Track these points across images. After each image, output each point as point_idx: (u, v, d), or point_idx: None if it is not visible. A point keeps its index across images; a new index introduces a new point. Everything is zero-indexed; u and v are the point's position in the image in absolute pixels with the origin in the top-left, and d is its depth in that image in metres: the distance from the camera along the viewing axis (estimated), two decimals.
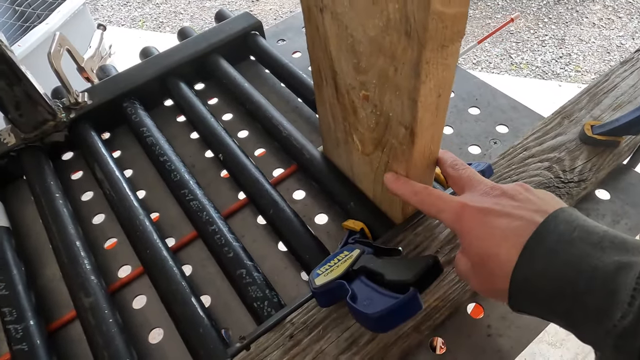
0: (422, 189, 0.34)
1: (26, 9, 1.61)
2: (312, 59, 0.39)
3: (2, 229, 0.47)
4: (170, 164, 0.50)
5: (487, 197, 0.30)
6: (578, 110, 0.49)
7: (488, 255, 0.28)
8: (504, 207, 0.28)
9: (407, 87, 0.28)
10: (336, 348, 0.35)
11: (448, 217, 0.31)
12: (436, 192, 0.33)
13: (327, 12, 0.32)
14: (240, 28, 0.63)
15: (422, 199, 0.33)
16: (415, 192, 0.34)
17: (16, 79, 0.48)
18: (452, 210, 0.31)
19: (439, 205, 0.32)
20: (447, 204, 0.31)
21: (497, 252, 0.27)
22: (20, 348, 0.38)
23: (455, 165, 0.35)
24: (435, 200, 0.32)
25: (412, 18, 0.24)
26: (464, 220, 0.30)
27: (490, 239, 0.28)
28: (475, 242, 0.29)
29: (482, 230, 0.28)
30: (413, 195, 0.34)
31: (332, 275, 0.35)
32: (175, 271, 0.42)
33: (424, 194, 0.33)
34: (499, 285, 0.28)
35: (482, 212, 0.29)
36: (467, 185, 0.33)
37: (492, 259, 0.27)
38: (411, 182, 0.35)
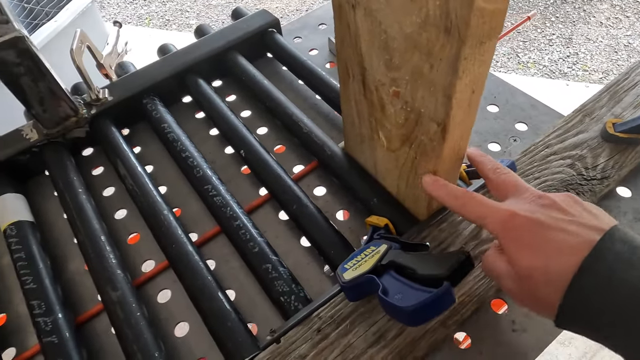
0: (463, 194, 0.33)
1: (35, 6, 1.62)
2: (339, 56, 0.39)
3: (27, 224, 0.48)
4: (193, 160, 0.51)
5: (537, 206, 0.29)
6: (599, 108, 0.49)
7: (538, 268, 0.27)
8: (557, 220, 0.27)
9: (443, 84, 0.28)
10: (364, 342, 0.36)
11: (493, 225, 0.30)
12: (479, 197, 0.32)
13: (360, 9, 0.32)
14: (258, 25, 0.64)
15: (464, 204, 0.33)
16: (455, 196, 0.33)
17: (41, 75, 0.48)
18: (499, 218, 0.30)
19: (482, 212, 0.31)
20: (491, 211, 0.30)
21: (549, 267, 0.26)
22: (50, 340, 0.39)
23: (497, 170, 0.34)
24: (477, 206, 0.31)
25: (453, 14, 0.24)
26: (512, 229, 0.29)
27: (543, 252, 0.27)
28: (525, 254, 0.28)
29: (534, 242, 0.27)
30: (453, 200, 0.33)
31: (360, 269, 0.35)
32: (201, 266, 0.42)
33: (466, 199, 0.32)
34: (545, 300, 0.27)
35: (534, 223, 0.28)
36: (512, 191, 0.32)
37: (543, 274, 0.26)
38: (450, 186, 0.34)
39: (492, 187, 0.34)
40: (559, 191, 0.43)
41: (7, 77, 0.47)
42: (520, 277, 0.28)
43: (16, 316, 0.45)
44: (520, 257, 0.28)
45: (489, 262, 0.32)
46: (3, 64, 0.45)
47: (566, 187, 0.43)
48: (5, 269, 0.48)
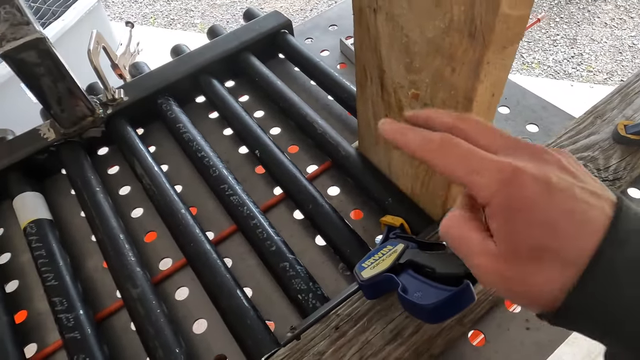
0: (444, 138, 0.23)
1: (41, 5, 1.63)
2: (357, 59, 0.40)
3: (46, 222, 0.48)
4: (208, 159, 0.51)
5: (542, 163, 0.21)
6: (610, 110, 0.49)
7: (551, 249, 0.20)
8: (570, 185, 0.20)
9: (464, 87, 0.29)
10: (382, 339, 0.36)
11: (487, 183, 0.21)
12: (466, 144, 0.22)
13: (382, 13, 0.33)
14: (271, 26, 0.64)
15: (445, 151, 0.23)
16: (431, 140, 0.23)
17: (60, 76, 0.49)
18: (496, 175, 0.21)
19: (472, 164, 0.22)
20: (486, 164, 0.21)
21: (566, 249, 0.20)
22: (72, 336, 0.39)
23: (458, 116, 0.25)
24: (465, 156, 0.22)
25: (478, 20, 0.25)
26: (516, 192, 0.20)
27: (560, 228, 0.20)
28: (536, 229, 0.20)
29: (548, 214, 0.20)
30: (428, 145, 0.23)
31: (378, 268, 0.36)
32: (219, 264, 0.43)
33: (449, 145, 0.23)
34: (543, 289, 0.21)
35: (546, 187, 0.20)
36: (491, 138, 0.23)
37: (555, 257, 0.20)
38: (422, 130, 0.25)
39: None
40: None
41: (28, 77, 0.47)
42: (516, 257, 0.21)
43: (36, 313, 0.46)
44: (527, 233, 0.20)
45: (455, 233, 0.24)
46: (24, 64, 0.46)
47: None
48: (24, 266, 0.49)
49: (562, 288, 0.20)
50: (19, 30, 0.46)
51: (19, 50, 0.45)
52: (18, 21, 0.46)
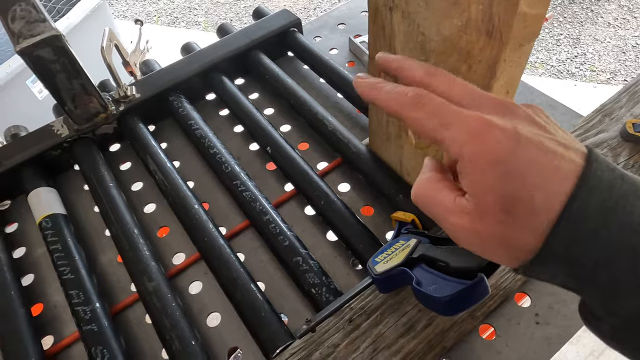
0: (418, 92, 0.23)
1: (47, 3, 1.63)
2: (371, 56, 0.40)
3: (61, 216, 0.49)
4: (221, 156, 0.52)
5: (511, 116, 0.22)
6: (618, 109, 0.50)
7: (523, 199, 0.20)
8: (540, 137, 0.21)
9: (480, 85, 0.30)
10: (395, 332, 0.37)
11: (457, 136, 0.21)
12: (438, 98, 0.22)
13: (398, 11, 0.33)
14: (280, 25, 0.65)
15: (418, 106, 0.23)
16: (404, 93, 0.23)
17: (75, 73, 0.50)
18: (467, 127, 0.21)
19: (445, 117, 0.21)
20: (458, 117, 0.21)
21: (536, 198, 0.20)
22: (90, 329, 0.40)
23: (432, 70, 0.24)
24: (439, 108, 0.22)
25: (496, 18, 0.26)
26: (487, 145, 0.20)
27: (530, 179, 0.20)
28: (508, 181, 0.20)
29: (519, 165, 0.20)
30: (402, 98, 0.23)
31: (392, 262, 0.37)
32: (233, 258, 0.43)
33: (423, 98, 0.23)
34: (519, 240, 0.21)
35: (515, 139, 0.20)
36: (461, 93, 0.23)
37: (528, 207, 0.20)
38: (397, 85, 0.25)
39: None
40: None
41: (44, 74, 0.48)
42: (489, 211, 0.21)
43: (52, 306, 0.46)
44: (497, 185, 0.20)
45: (426, 195, 0.24)
46: (40, 61, 0.47)
47: None
48: (39, 260, 0.50)
49: (536, 236, 0.20)
50: (35, 27, 0.46)
51: (36, 47, 0.46)
52: (34, 18, 0.47)
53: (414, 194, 0.25)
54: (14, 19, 0.47)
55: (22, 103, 1.27)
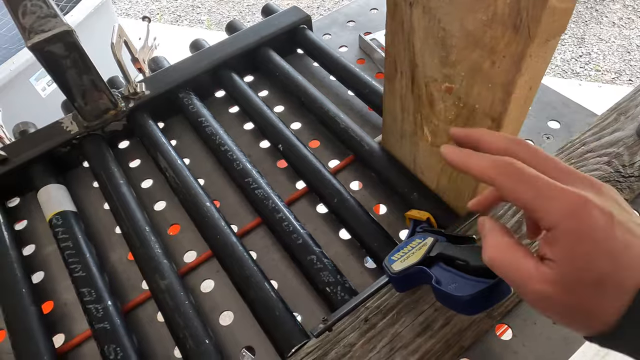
0: (513, 162, 0.24)
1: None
2: (387, 53, 0.40)
3: (71, 214, 0.49)
4: (232, 153, 0.51)
5: (602, 197, 0.23)
6: (634, 107, 0.50)
7: (613, 276, 0.21)
8: (628, 219, 0.22)
9: (504, 80, 0.29)
10: (412, 331, 0.37)
11: (556, 210, 0.22)
12: (534, 170, 0.24)
13: (418, 7, 0.33)
14: (290, 22, 0.65)
15: (514, 175, 0.24)
16: (498, 164, 0.25)
17: (86, 69, 0.49)
18: (567, 203, 0.22)
19: (544, 190, 0.23)
20: (558, 192, 0.22)
21: (624, 275, 0.21)
22: (102, 327, 0.40)
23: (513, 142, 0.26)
24: (537, 180, 0.23)
25: (524, 13, 0.25)
26: (584, 220, 0.22)
27: (622, 257, 0.21)
28: (603, 256, 0.21)
29: (614, 244, 0.21)
30: (495, 167, 0.25)
31: (409, 261, 0.36)
32: (246, 256, 0.43)
33: (518, 169, 0.24)
34: (600, 311, 0.22)
35: (610, 219, 0.22)
36: (553, 171, 0.24)
37: (616, 283, 0.21)
38: (485, 154, 0.26)
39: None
40: None
41: (55, 69, 0.48)
42: (577, 284, 0.22)
43: (62, 304, 0.46)
44: (592, 261, 0.22)
45: (505, 259, 0.25)
46: (52, 57, 0.46)
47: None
48: (49, 258, 0.50)
49: (619, 311, 0.21)
50: (46, 22, 0.46)
51: (47, 42, 0.45)
52: (45, 14, 0.46)
53: (491, 257, 0.26)
54: (25, 14, 0.46)
55: (26, 100, 1.27)
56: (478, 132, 0.28)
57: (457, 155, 0.27)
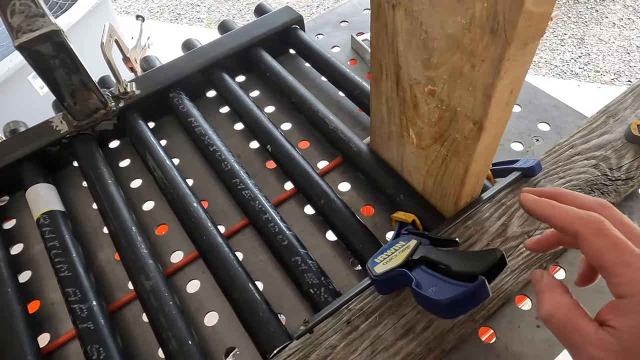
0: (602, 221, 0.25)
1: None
2: (373, 54, 0.40)
3: (59, 213, 0.49)
4: (220, 153, 0.51)
5: None
6: (623, 110, 0.49)
7: None
8: None
9: (483, 84, 0.29)
10: (393, 334, 0.37)
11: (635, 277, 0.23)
12: (622, 235, 0.24)
13: (401, 9, 0.33)
14: (282, 22, 0.64)
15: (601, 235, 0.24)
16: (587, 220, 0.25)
17: (74, 68, 0.49)
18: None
19: (627, 255, 0.23)
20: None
21: None
22: (86, 327, 0.40)
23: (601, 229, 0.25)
24: (622, 245, 0.24)
25: (501, 16, 0.25)
26: None
27: None
28: None
29: None
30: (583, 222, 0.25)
31: (391, 264, 0.36)
32: (231, 257, 0.43)
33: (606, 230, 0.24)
34: None
35: None
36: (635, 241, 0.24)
37: None
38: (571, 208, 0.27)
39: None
40: (584, 191, 0.43)
41: (43, 69, 0.48)
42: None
43: (49, 303, 0.46)
44: None
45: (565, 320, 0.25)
46: (39, 56, 0.46)
47: (591, 187, 0.44)
48: (36, 257, 0.50)
49: None
50: (34, 22, 0.46)
51: (35, 42, 0.45)
52: (33, 13, 0.46)
53: (549, 314, 0.26)
54: (13, 13, 0.46)
55: (24, 98, 1.27)
56: (567, 194, 0.29)
57: (536, 204, 0.28)
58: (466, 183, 0.39)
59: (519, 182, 0.45)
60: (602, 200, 0.27)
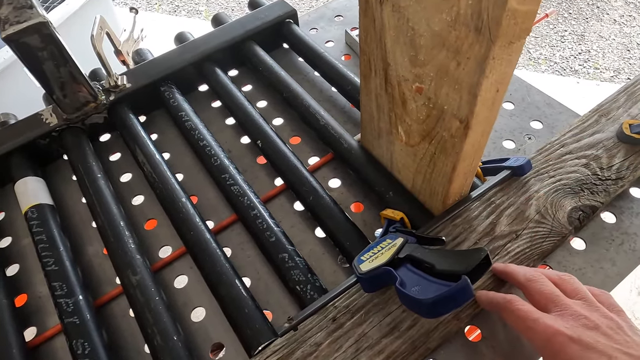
0: (508, 301, 0.33)
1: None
2: (362, 50, 0.39)
3: (48, 207, 0.49)
4: (210, 148, 0.51)
5: (581, 327, 0.29)
6: (615, 109, 0.49)
7: None
8: (604, 346, 0.28)
9: (469, 82, 0.29)
10: (378, 332, 0.37)
11: (536, 340, 0.30)
12: (522, 310, 0.32)
13: (388, 5, 0.32)
14: (276, 15, 0.64)
15: (510, 311, 0.33)
16: (497, 304, 0.34)
17: (63, 61, 0.49)
18: (542, 334, 0.30)
19: (525, 325, 0.31)
20: (537, 325, 0.30)
21: None
22: (72, 321, 0.40)
23: (533, 277, 0.34)
24: (523, 315, 0.32)
25: (485, 14, 0.25)
26: (555, 348, 0.29)
27: None
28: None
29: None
30: (495, 308, 0.34)
31: (377, 262, 0.36)
32: (218, 253, 0.43)
33: (508, 310, 0.33)
34: None
35: (579, 346, 0.28)
36: (551, 304, 0.32)
37: None
38: (497, 293, 0.35)
39: (528, 294, 0.34)
40: (573, 190, 0.43)
41: (31, 62, 0.47)
42: None
43: (36, 297, 0.46)
44: None
45: None
46: (27, 48, 0.46)
47: (581, 187, 0.43)
48: (25, 250, 0.50)
49: None
50: (22, 13, 0.45)
51: (22, 34, 0.45)
52: (21, 4, 0.46)
53: None
54: (1, 5, 0.46)
55: (20, 89, 1.26)
56: (505, 270, 0.37)
57: (479, 300, 0.37)
58: (454, 181, 0.38)
59: (509, 180, 0.45)
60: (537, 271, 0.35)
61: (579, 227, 0.42)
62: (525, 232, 0.41)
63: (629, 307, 1.18)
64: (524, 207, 0.42)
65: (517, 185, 0.44)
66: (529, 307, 0.32)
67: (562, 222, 0.41)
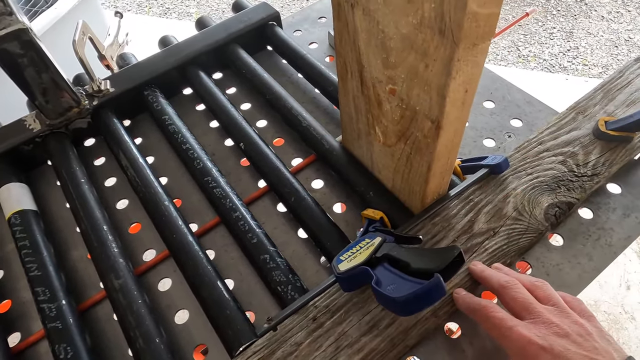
0: (480, 308, 0.34)
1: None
2: (338, 53, 0.40)
3: (31, 213, 0.49)
4: (193, 152, 0.51)
5: (553, 335, 0.31)
6: (592, 106, 0.50)
7: None
8: (573, 354, 0.29)
9: (437, 83, 0.29)
10: (358, 330, 0.37)
11: (510, 348, 0.32)
12: (496, 317, 0.33)
13: (359, 8, 0.33)
14: (259, 18, 0.64)
15: (481, 321, 0.35)
16: (473, 310, 0.35)
17: (44, 67, 0.49)
18: (516, 343, 0.31)
19: (498, 333, 0.33)
20: (511, 333, 0.32)
21: None
22: (54, 326, 0.40)
23: (507, 284, 0.35)
24: (498, 323, 0.33)
25: (447, 17, 0.25)
26: (528, 356, 0.30)
27: None
28: None
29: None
30: (472, 314, 0.36)
31: (355, 261, 0.37)
32: (201, 255, 0.43)
33: (483, 316, 0.34)
34: None
35: (551, 355, 0.29)
36: (524, 312, 0.33)
37: None
38: (474, 298, 0.36)
39: (502, 301, 0.35)
40: (550, 187, 0.44)
41: (11, 68, 0.47)
42: None
43: (21, 302, 0.46)
44: None
45: None
46: (7, 55, 0.46)
47: (557, 184, 0.44)
48: (9, 256, 0.50)
49: None
50: (1, 20, 0.46)
51: (2, 40, 0.45)
52: (0, 11, 0.46)
53: None
54: None
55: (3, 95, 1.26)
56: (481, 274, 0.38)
57: (457, 303, 0.38)
58: (430, 181, 0.39)
59: (487, 178, 0.45)
60: (511, 277, 0.36)
61: (556, 223, 0.43)
62: (502, 230, 0.42)
63: (618, 301, 1.20)
64: (501, 205, 0.43)
65: (495, 183, 0.45)
66: (503, 315, 0.33)
67: (538, 219, 0.42)
